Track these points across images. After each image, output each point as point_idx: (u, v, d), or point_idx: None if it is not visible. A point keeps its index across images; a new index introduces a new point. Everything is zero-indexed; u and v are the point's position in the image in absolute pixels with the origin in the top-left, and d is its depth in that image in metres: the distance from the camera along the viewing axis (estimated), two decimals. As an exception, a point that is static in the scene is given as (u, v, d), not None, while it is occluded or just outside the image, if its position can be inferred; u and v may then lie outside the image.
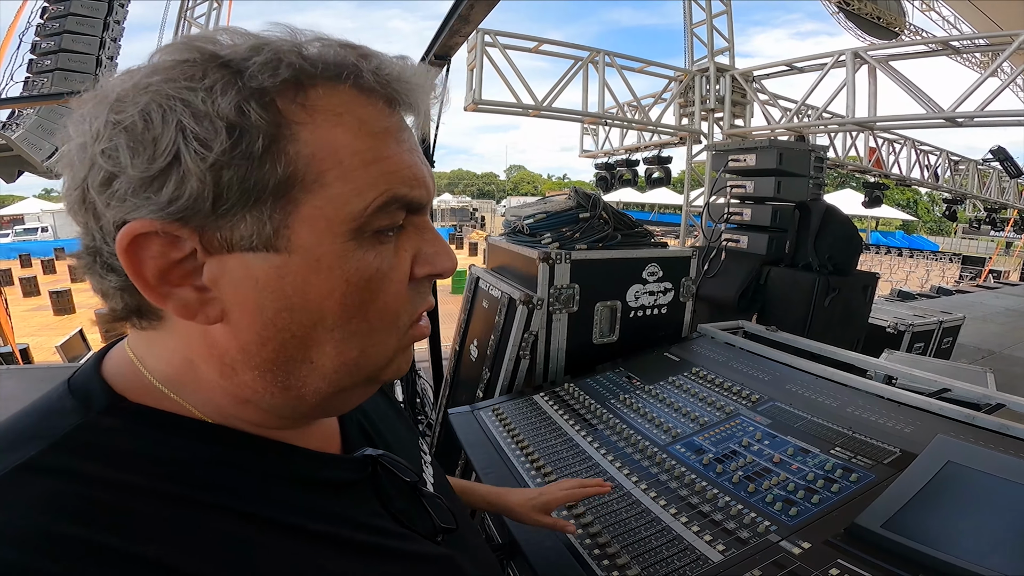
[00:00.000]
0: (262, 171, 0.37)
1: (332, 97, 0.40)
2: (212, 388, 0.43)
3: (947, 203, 12.78)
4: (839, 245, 3.05)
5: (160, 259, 0.38)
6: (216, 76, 0.37)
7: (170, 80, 0.36)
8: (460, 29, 2.21)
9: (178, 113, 0.35)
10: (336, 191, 0.39)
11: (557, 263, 1.84)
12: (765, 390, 1.53)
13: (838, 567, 0.88)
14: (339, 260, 0.40)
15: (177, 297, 0.39)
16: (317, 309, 0.41)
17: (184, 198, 0.36)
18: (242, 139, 0.36)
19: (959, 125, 6.24)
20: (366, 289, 0.42)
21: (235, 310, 0.40)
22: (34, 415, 0.41)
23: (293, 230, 0.39)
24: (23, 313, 11.60)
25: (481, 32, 6.63)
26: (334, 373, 0.44)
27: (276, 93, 0.38)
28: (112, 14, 7.87)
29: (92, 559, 0.32)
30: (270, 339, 0.41)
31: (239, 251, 0.39)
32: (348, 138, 0.40)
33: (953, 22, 15.65)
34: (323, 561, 0.43)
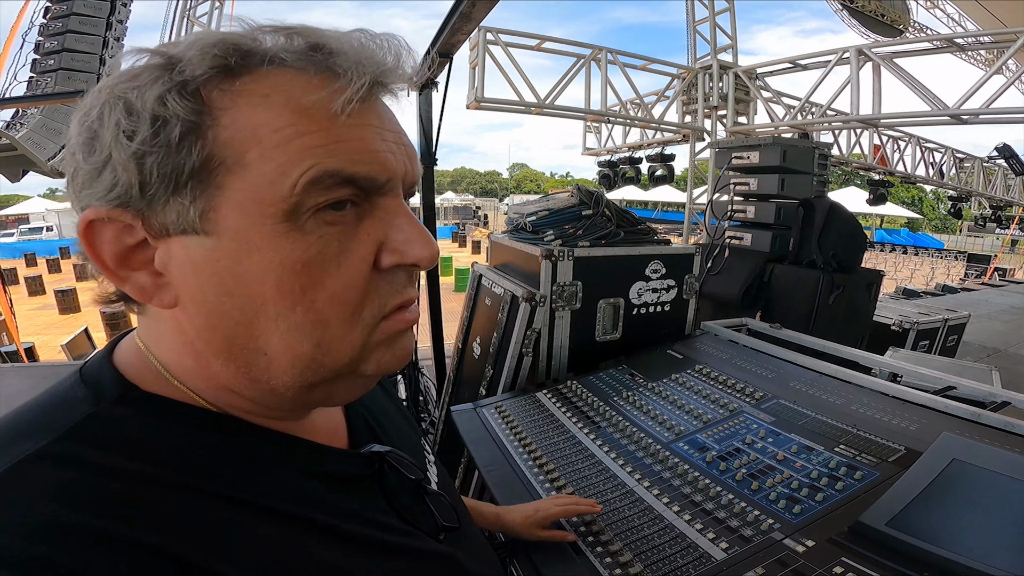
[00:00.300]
0: (179, 156, 0.38)
1: (261, 80, 0.40)
2: (197, 376, 0.44)
3: (952, 200, 12.71)
4: (843, 242, 3.04)
5: (115, 244, 0.40)
6: (149, 74, 0.38)
7: (121, 80, 0.39)
8: (462, 27, 2.21)
9: (117, 111, 0.38)
10: (258, 171, 0.38)
11: (560, 260, 1.84)
12: (769, 387, 1.53)
13: (842, 565, 0.87)
14: (271, 242, 0.39)
15: (134, 280, 0.41)
16: (255, 295, 0.40)
17: (119, 186, 0.38)
18: (162, 128, 0.37)
19: (964, 122, 6.20)
20: (304, 274, 0.40)
21: (184, 295, 0.41)
22: (46, 405, 0.41)
23: (221, 213, 0.39)
24: (28, 312, 11.67)
25: (483, 30, 6.61)
26: (291, 367, 0.42)
27: (201, 83, 0.38)
28: (115, 13, 7.91)
29: (100, 548, 0.33)
30: (217, 326, 0.41)
31: (176, 235, 0.40)
32: (269, 115, 0.39)
33: (958, 19, 15.54)
34: (327, 554, 0.43)
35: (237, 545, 0.38)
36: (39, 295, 13.85)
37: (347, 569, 0.44)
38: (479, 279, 2.33)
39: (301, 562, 0.41)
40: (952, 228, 39.85)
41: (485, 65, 6.76)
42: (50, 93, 7.13)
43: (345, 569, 0.44)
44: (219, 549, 0.37)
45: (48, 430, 0.38)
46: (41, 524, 0.32)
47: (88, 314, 11.36)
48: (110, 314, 9.78)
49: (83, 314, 11.69)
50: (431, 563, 0.52)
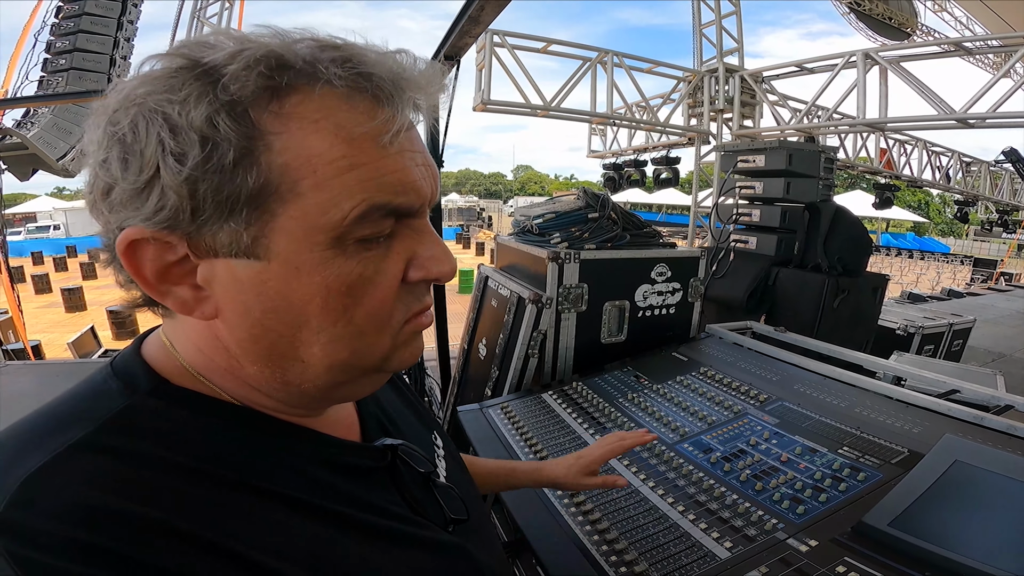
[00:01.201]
0: (234, 183, 0.38)
1: (309, 103, 0.39)
2: (226, 375, 0.46)
3: (959, 205, 12.66)
4: (848, 246, 3.04)
5: (156, 261, 0.40)
6: (192, 88, 0.37)
7: (153, 92, 0.37)
8: (470, 30, 2.22)
9: (158, 126, 0.36)
10: (312, 201, 0.39)
11: (566, 263, 1.85)
12: (773, 390, 1.54)
13: (845, 564, 0.89)
14: (319, 268, 0.40)
15: (175, 295, 0.42)
16: (300, 313, 0.42)
17: (167, 209, 0.38)
18: (214, 152, 0.37)
19: (971, 126, 6.18)
20: (348, 295, 0.42)
21: (226, 309, 0.42)
22: (82, 397, 0.43)
23: (271, 239, 0.40)
24: (35, 310, 11.75)
25: (490, 32, 6.64)
26: (327, 372, 0.45)
27: (250, 103, 0.38)
28: (126, 14, 7.98)
29: (140, 534, 0.34)
30: (260, 337, 0.43)
31: (224, 256, 0.40)
32: (323, 146, 0.39)
33: (966, 23, 15.49)
34: (345, 542, 0.45)
35: (265, 533, 0.40)
36: (46, 293, 13.94)
37: (365, 557, 0.46)
38: (485, 281, 2.35)
39: (323, 550, 0.43)
40: (958, 232, 39.65)
41: (492, 67, 6.79)
42: (62, 93, 7.19)
43: (363, 557, 0.46)
44: (249, 536, 0.39)
45: (87, 420, 0.39)
46: (83, 510, 0.34)
47: (94, 312, 11.43)
48: (116, 312, 9.85)
49: (89, 312, 11.76)
50: (442, 553, 0.54)
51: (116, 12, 7.85)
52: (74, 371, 0.68)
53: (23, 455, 0.37)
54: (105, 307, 10.47)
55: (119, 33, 7.88)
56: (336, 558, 0.44)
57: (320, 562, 0.42)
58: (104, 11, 7.72)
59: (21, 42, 7.81)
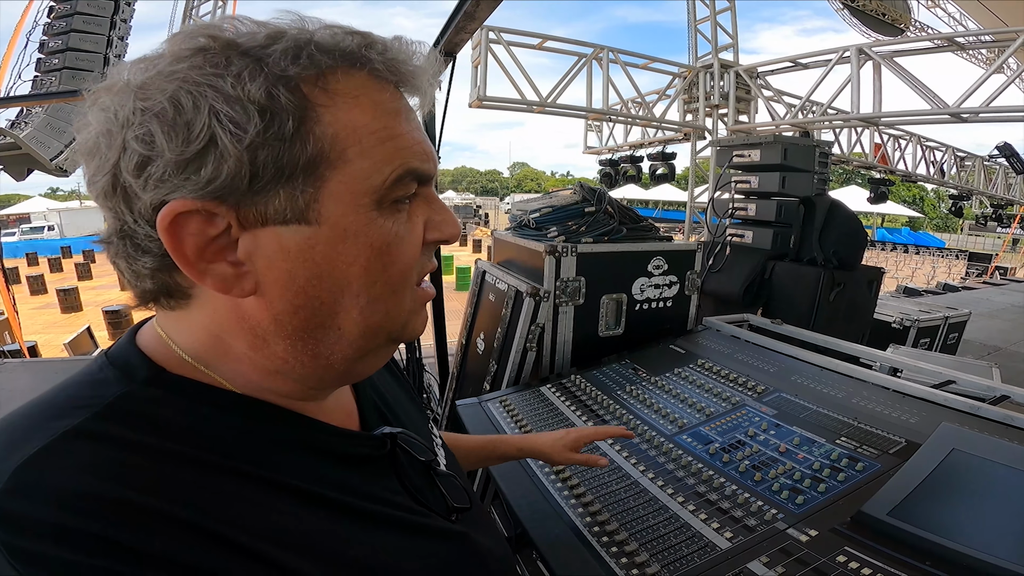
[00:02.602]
0: (293, 150, 0.40)
1: (348, 81, 0.43)
2: (241, 361, 0.46)
3: (953, 199, 12.70)
4: (844, 240, 3.05)
5: (198, 236, 0.40)
6: (241, 63, 0.39)
7: (195, 67, 0.38)
8: (466, 26, 2.22)
9: (209, 99, 0.38)
10: (358, 166, 0.43)
11: (563, 256, 1.85)
12: (771, 381, 1.54)
13: (845, 554, 0.89)
14: (364, 228, 0.44)
15: (214, 272, 0.42)
16: (344, 275, 0.44)
17: (222, 177, 0.39)
18: (273, 121, 0.39)
19: (964, 121, 6.20)
20: (386, 253, 0.45)
21: (268, 281, 0.43)
22: (78, 385, 0.43)
23: (322, 203, 0.42)
24: (31, 311, 11.68)
25: (485, 29, 6.61)
26: (360, 338, 0.47)
27: (300, 79, 0.41)
28: (119, 13, 7.91)
29: (134, 520, 0.34)
30: (302, 307, 0.44)
31: (273, 224, 0.41)
32: (366, 119, 0.43)
33: (959, 18, 15.52)
34: (344, 530, 0.45)
35: (263, 521, 0.40)
36: (41, 294, 13.88)
37: (365, 545, 0.46)
38: (483, 275, 2.35)
39: (322, 538, 0.43)
40: (953, 227, 39.81)
41: (487, 64, 6.77)
42: (56, 91, 7.13)
43: (363, 545, 0.46)
44: (248, 524, 0.39)
45: (83, 408, 0.39)
46: (78, 498, 0.34)
47: (90, 313, 11.38)
48: (112, 312, 9.81)
49: (85, 313, 11.71)
50: (445, 541, 0.54)
51: (109, 11, 7.78)
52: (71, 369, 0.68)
53: (17, 443, 0.36)
54: (101, 307, 10.43)
55: (112, 32, 7.81)
56: (335, 546, 0.44)
57: (319, 550, 0.42)
58: (97, 10, 7.65)
59: (13, 41, 7.75)
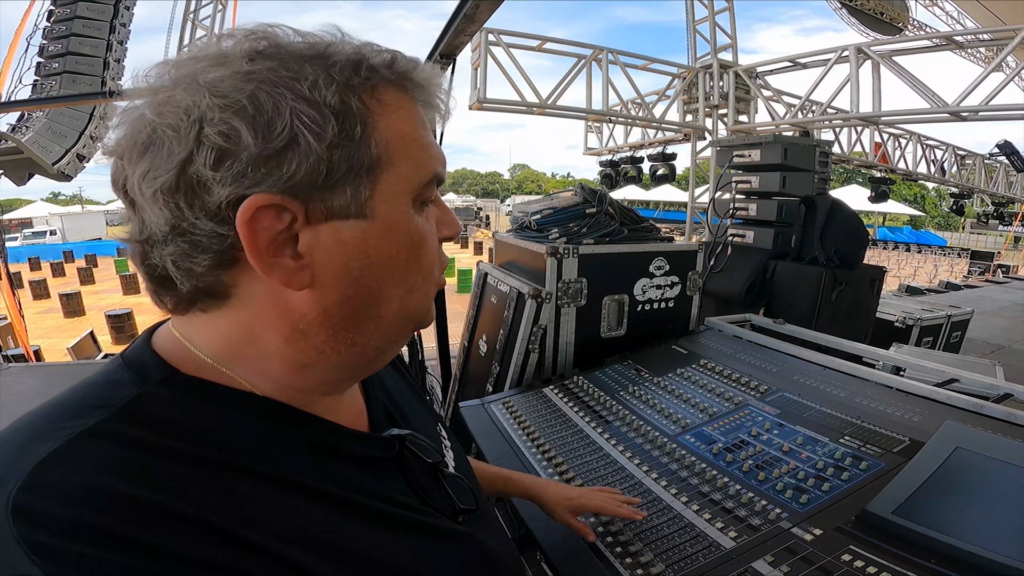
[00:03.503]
0: (360, 151, 0.45)
1: (391, 95, 0.48)
2: (270, 358, 0.47)
3: (954, 197, 12.69)
4: (845, 239, 3.05)
5: (271, 230, 0.42)
6: (313, 71, 0.43)
7: (272, 70, 0.42)
8: (465, 28, 2.22)
9: (289, 100, 0.41)
10: (404, 169, 0.48)
11: (565, 257, 1.85)
12: (773, 381, 1.54)
13: (850, 553, 0.89)
14: (405, 224, 0.49)
15: (280, 265, 0.44)
16: (388, 266, 0.48)
17: (302, 173, 0.42)
18: (346, 124, 0.44)
19: (964, 119, 6.20)
20: (419, 246, 0.51)
21: (323, 273, 0.46)
22: (94, 386, 0.44)
23: (376, 200, 0.46)
24: (34, 316, 11.68)
25: (485, 31, 6.63)
26: (395, 324, 0.51)
27: (361, 89, 0.45)
28: (118, 16, 7.94)
29: (149, 518, 0.35)
30: (352, 297, 0.47)
31: (335, 219, 0.45)
32: (408, 127, 0.48)
33: (957, 17, 15.53)
34: (354, 530, 0.46)
35: (274, 519, 0.41)
36: (44, 299, 13.89)
37: (374, 545, 0.47)
38: (484, 277, 2.35)
39: (331, 537, 0.44)
40: (955, 225, 39.77)
41: (487, 66, 6.79)
42: (58, 96, 7.15)
43: (372, 545, 0.46)
44: (259, 522, 0.40)
45: (99, 408, 0.40)
46: (95, 494, 0.35)
47: (93, 317, 11.40)
48: (115, 316, 9.83)
49: (88, 317, 11.72)
50: (453, 542, 0.55)
51: (108, 15, 7.81)
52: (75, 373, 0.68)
53: (35, 441, 0.37)
54: (104, 312, 10.44)
55: (112, 36, 7.83)
56: (344, 545, 0.44)
57: (328, 548, 0.43)
58: (96, 14, 7.68)
59: (13, 46, 7.76)
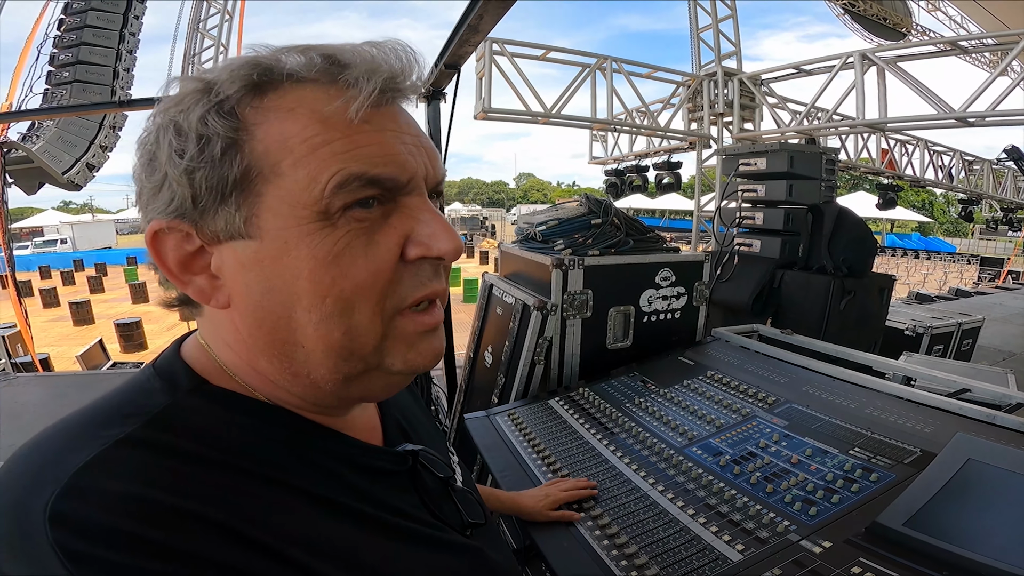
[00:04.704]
0: (223, 169, 0.42)
1: (285, 95, 0.44)
2: (251, 372, 0.48)
3: (963, 203, 12.61)
4: (853, 247, 3.03)
5: (177, 251, 0.45)
6: (192, 97, 0.43)
7: (169, 107, 0.44)
8: (469, 39, 2.23)
9: (169, 133, 0.43)
10: (292, 178, 0.43)
11: (570, 269, 1.85)
12: (781, 392, 1.53)
13: (860, 565, 0.88)
14: (306, 240, 0.43)
15: (195, 284, 0.46)
16: (292, 289, 0.44)
17: (175, 199, 0.43)
18: (206, 145, 0.42)
19: (971, 125, 6.17)
20: (335, 265, 0.43)
21: (235, 294, 0.46)
22: (127, 394, 0.45)
23: (262, 217, 0.43)
24: (43, 324, 11.80)
25: (489, 41, 6.67)
26: (325, 358, 0.45)
27: (236, 102, 0.43)
28: (127, 26, 8.07)
29: (183, 525, 0.36)
30: (262, 320, 0.45)
31: (226, 240, 0.44)
32: (297, 128, 0.43)
33: (960, 22, 15.49)
34: (370, 541, 0.47)
35: (297, 528, 0.42)
36: (54, 307, 14.02)
37: (388, 557, 0.47)
38: (490, 289, 2.35)
39: (346, 546, 0.45)
40: (963, 231, 39.50)
41: (492, 75, 6.83)
42: (68, 106, 7.24)
43: (386, 556, 0.47)
44: (282, 530, 0.41)
45: (133, 417, 0.41)
46: (131, 502, 0.35)
47: (102, 326, 11.48)
48: (123, 325, 9.89)
49: (97, 326, 11.81)
50: (461, 555, 0.56)
51: (118, 24, 7.93)
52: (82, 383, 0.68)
53: (73, 448, 0.38)
54: (113, 320, 10.52)
55: (121, 45, 7.96)
56: (357, 554, 0.45)
57: (344, 557, 0.44)
58: (105, 23, 7.80)
59: (24, 54, 7.88)
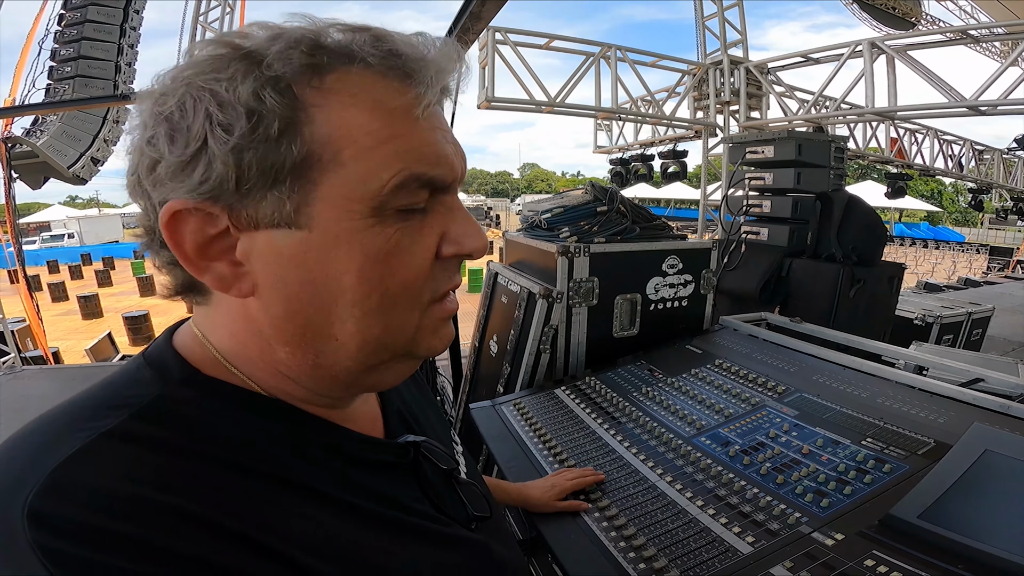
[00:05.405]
0: (279, 152, 0.39)
1: (347, 79, 0.41)
2: (257, 363, 0.46)
3: (973, 193, 12.48)
4: (863, 235, 2.98)
5: (197, 234, 0.40)
6: (237, 66, 0.39)
7: (200, 73, 0.39)
8: (471, 27, 2.20)
9: (206, 102, 0.38)
10: (352, 170, 0.40)
11: (576, 256, 1.83)
12: (791, 381, 1.51)
13: (873, 558, 0.86)
14: (358, 236, 0.41)
15: (214, 270, 0.42)
16: (337, 283, 0.42)
17: (212, 179, 0.39)
18: (260, 123, 0.38)
19: (982, 114, 6.08)
20: (384, 264, 0.42)
21: (264, 284, 0.42)
22: (115, 385, 0.43)
23: (314, 207, 0.40)
24: (52, 318, 11.86)
25: (491, 30, 6.61)
26: (358, 351, 0.45)
27: (292, 79, 0.39)
28: (128, 20, 8.03)
29: (170, 522, 0.34)
30: (296, 313, 0.43)
31: (265, 228, 0.41)
32: (363, 118, 0.41)
33: (970, 11, 15.24)
34: (369, 537, 0.45)
35: (292, 525, 0.40)
36: (62, 301, 14.11)
37: (388, 552, 0.46)
38: (495, 277, 2.33)
39: (345, 543, 0.43)
40: (973, 221, 39.15)
41: (495, 65, 6.77)
42: (71, 99, 7.25)
43: (386, 552, 0.45)
44: (277, 528, 0.39)
45: (119, 408, 0.39)
46: (114, 499, 0.34)
47: (111, 319, 11.56)
48: (132, 318, 9.96)
49: (106, 319, 11.90)
50: (465, 550, 0.54)
51: (118, 19, 7.89)
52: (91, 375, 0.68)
53: (55, 443, 0.36)
54: (121, 313, 10.58)
55: (123, 40, 7.92)
56: (357, 551, 0.44)
57: (342, 555, 0.42)
58: (106, 18, 7.76)
59: (26, 49, 7.87)
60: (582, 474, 1.21)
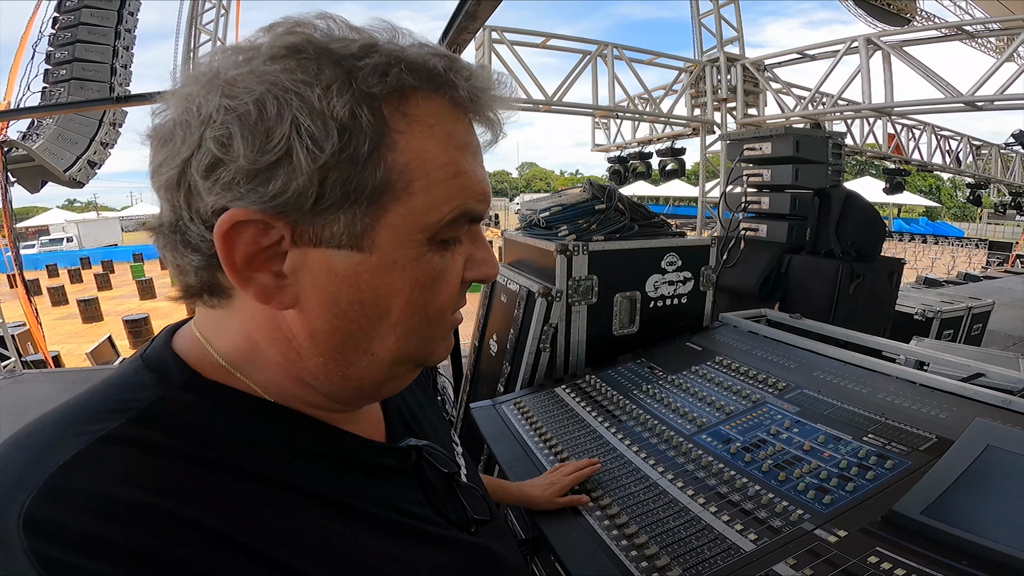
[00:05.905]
0: (363, 176, 0.38)
1: (427, 107, 0.41)
2: (274, 368, 0.45)
3: (971, 188, 12.50)
4: (862, 231, 2.99)
5: (251, 245, 0.39)
6: (331, 75, 0.37)
7: (287, 71, 0.37)
8: (468, 26, 2.19)
9: (294, 108, 0.36)
10: (419, 201, 0.41)
11: (575, 255, 1.82)
12: (792, 377, 1.50)
13: (877, 555, 0.86)
14: (412, 263, 0.42)
15: (257, 281, 0.41)
16: (385, 305, 0.43)
17: (289, 193, 0.37)
18: (351, 142, 0.37)
19: (979, 109, 6.08)
20: (429, 289, 0.44)
21: (309, 299, 0.42)
22: (113, 388, 0.42)
23: (378, 232, 0.41)
24: (53, 322, 11.86)
25: (488, 29, 6.61)
26: (390, 365, 0.46)
27: (383, 99, 0.39)
28: (122, 22, 7.99)
29: (168, 529, 0.34)
30: (339, 329, 0.43)
31: (325, 247, 0.40)
32: (437, 151, 0.41)
33: (964, 7, 15.23)
34: (371, 542, 0.45)
35: (293, 531, 0.40)
36: (62, 305, 14.09)
37: (390, 557, 0.45)
38: (494, 276, 2.32)
39: (345, 548, 0.43)
40: (971, 216, 39.21)
41: (491, 64, 6.76)
42: (69, 102, 7.23)
43: (389, 557, 0.45)
44: (278, 535, 0.38)
45: (118, 412, 0.38)
46: (112, 505, 0.33)
47: (111, 322, 11.55)
48: (132, 321, 9.95)
49: (106, 322, 11.89)
50: (466, 553, 0.54)
51: (112, 21, 7.84)
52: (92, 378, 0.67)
53: (51, 447, 0.36)
54: (121, 317, 10.58)
55: (117, 42, 7.88)
56: (358, 556, 0.43)
57: (343, 561, 0.42)
58: (100, 20, 7.71)
59: (20, 53, 7.82)
60: (577, 467, 1.21)
